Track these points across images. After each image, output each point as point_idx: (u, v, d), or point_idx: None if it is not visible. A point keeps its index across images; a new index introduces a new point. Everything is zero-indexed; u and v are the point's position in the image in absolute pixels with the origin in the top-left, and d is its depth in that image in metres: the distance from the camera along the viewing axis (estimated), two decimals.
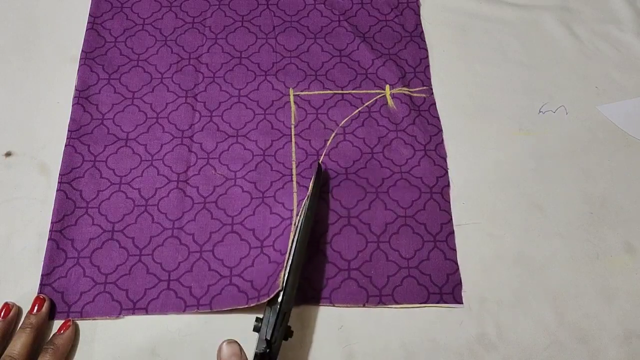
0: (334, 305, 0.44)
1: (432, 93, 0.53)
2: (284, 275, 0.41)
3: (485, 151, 0.51)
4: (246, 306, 0.43)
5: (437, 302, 0.44)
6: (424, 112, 0.52)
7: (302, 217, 0.44)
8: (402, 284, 0.44)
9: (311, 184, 0.46)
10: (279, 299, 0.40)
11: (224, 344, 0.39)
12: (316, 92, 0.53)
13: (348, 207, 0.47)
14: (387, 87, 0.53)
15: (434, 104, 0.53)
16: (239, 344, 0.39)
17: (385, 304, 0.44)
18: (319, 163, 0.48)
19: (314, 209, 0.45)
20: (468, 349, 0.42)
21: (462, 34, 0.57)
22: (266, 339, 0.38)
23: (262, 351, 0.38)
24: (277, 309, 0.39)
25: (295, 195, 0.48)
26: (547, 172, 0.50)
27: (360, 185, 0.48)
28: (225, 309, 0.43)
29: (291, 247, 0.43)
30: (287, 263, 0.42)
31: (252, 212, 0.47)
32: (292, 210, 0.47)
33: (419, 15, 0.58)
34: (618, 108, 0.53)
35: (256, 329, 0.39)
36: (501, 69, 0.55)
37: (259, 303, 0.42)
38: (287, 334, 0.40)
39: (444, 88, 0.54)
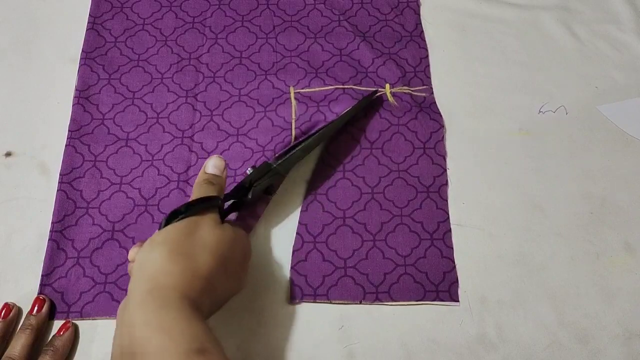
0: (331, 302, 0.44)
1: (433, 92, 0.53)
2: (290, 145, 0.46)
3: (485, 151, 0.51)
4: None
5: (434, 300, 0.44)
6: (426, 109, 0.52)
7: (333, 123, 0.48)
8: (398, 282, 0.44)
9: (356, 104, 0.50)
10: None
11: (213, 156, 0.41)
12: (317, 89, 0.53)
13: (343, 209, 0.47)
14: (387, 85, 0.53)
15: (434, 102, 0.53)
16: (225, 162, 0.42)
17: (381, 301, 0.44)
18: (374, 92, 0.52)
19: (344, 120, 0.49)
20: (468, 349, 0.42)
21: (462, 33, 0.57)
22: (244, 184, 0.42)
23: (239, 192, 0.42)
24: (268, 165, 0.43)
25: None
26: (547, 172, 0.50)
27: (357, 185, 0.48)
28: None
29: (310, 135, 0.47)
30: (300, 141, 0.47)
31: None
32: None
33: (419, 15, 0.58)
34: (618, 108, 0.53)
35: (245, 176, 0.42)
36: (501, 69, 0.55)
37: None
38: (270, 189, 0.44)
39: (444, 88, 0.54)
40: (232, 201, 0.43)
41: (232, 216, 0.45)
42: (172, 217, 0.36)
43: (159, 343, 0.30)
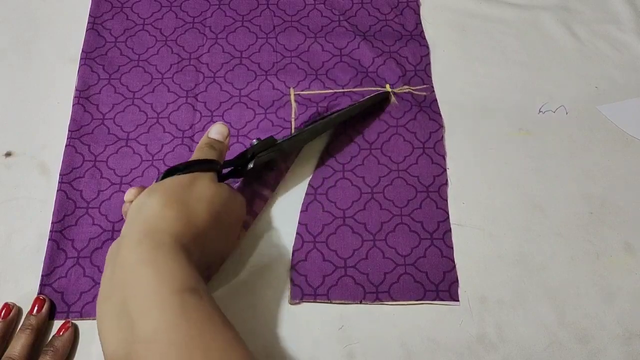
0: (331, 302, 0.44)
1: (433, 90, 0.53)
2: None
3: (485, 151, 0.51)
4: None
5: (434, 300, 0.44)
6: (426, 108, 0.52)
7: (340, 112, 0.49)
8: (398, 281, 0.44)
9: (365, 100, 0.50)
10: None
11: (218, 122, 0.43)
12: (317, 92, 0.53)
13: (343, 209, 0.47)
14: (388, 85, 0.53)
15: (435, 100, 0.53)
16: (229, 130, 0.43)
17: (382, 301, 0.44)
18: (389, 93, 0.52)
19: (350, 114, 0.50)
20: (468, 349, 0.42)
21: (462, 33, 0.57)
22: (247, 154, 0.43)
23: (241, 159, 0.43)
24: (273, 139, 0.44)
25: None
26: (547, 172, 0.50)
27: (356, 185, 0.48)
28: None
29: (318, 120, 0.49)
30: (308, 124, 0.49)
31: None
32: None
33: (419, 15, 0.58)
34: (618, 108, 0.53)
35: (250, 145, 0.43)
36: (501, 69, 0.55)
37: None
38: (272, 163, 0.46)
39: (444, 88, 0.54)
40: (231, 168, 0.43)
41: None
42: (170, 172, 0.38)
43: (153, 280, 0.30)
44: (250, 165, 0.43)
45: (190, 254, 0.34)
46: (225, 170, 0.43)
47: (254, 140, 0.43)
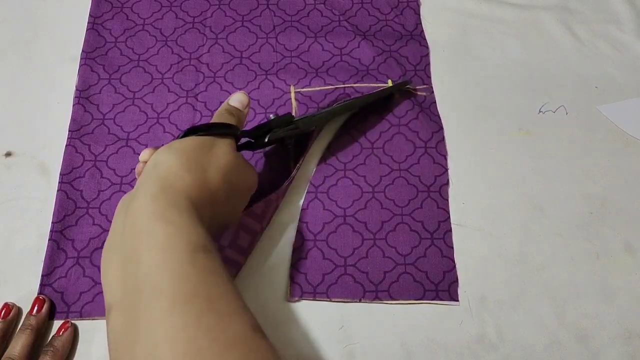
0: (330, 300, 0.44)
1: (433, 91, 0.53)
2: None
3: (485, 151, 0.51)
4: None
5: (433, 299, 0.44)
6: (425, 109, 0.52)
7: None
8: (398, 280, 0.44)
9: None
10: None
11: (239, 91, 0.43)
12: (317, 88, 0.53)
13: (344, 207, 0.47)
14: (390, 82, 0.53)
15: (434, 102, 0.53)
16: (249, 100, 0.43)
17: (381, 300, 0.44)
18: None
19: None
20: (468, 349, 0.42)
21: (462, 33, 0.57)
22: (263, 127, 0.43)
23: (261, 128, 0.43)
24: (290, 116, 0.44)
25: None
26: (547, 172, 0.50)
27: (357, 184, 0.48)
28: None
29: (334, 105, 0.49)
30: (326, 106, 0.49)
31: None
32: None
33: (419, 15, 0.58)
34: (618, 108, 0.53)
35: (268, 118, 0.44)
36: (501, 69, 0.55)
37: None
38: (286, 140, 0.45)
39: (444, 88, 0.54)
40: (246, 140, 0.43)
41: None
42: (191, 132, 0.38)
43: (165, 233, 0.30)
44: (265, 139, 0.43)
45: (202, 217, 0.33)
46: (242, 140, 0.43)
47: (271, 115, 0.44)
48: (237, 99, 0.42)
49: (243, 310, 0.30)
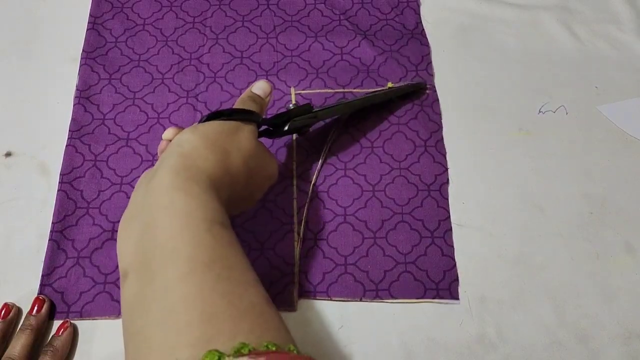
0: (331, 299, 0.44)
1: (435, 90, 0.53)
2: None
3: (485, 151, 0.51)
4: None
5: (434, 298, 0.44)
6: (427, 107, 0.52)
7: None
8: (398, 279, 0.45)
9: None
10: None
11: (262, 79, 0.43)
12: (317, 91, 0.53)
13: (345, 206, 0.47)
14: (389, 84, 0.53)
15: (437, 100, 0.53)
16: (272, 89, 0.43)
17: (381, 299, 0.44)
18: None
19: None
20: (468, 349, 0.42)
21: (462, 33, 0.57)
22: (282, 116, 0.43)
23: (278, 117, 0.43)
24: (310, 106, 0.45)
25: (295, 202, 0.48)
26: (547, 172, 0.50)
27: (358, 183, 0.48)
28: None
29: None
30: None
31: (253, 214, 0.47)
32: (292, 217, 0.47)
33: (419, 15, 0.58)
34: (618, 108, 0.53)
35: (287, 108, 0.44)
36: (501, 69, 0.55)
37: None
38: (303, 129, 0.46)
39: (444, 88, 0.54)
40: (265, 127, 0.43)
41: None
42: (216, 116, 0.38)
43: (186, 203, 0.30)
44: (285, 128, 0.43)
45: (220, 198, 0.34)
46: (262, 128, 0.43)
47: (291, 105, 0.45)
48: (260, 87, 0.42)
49: (257, 283, 0.30)
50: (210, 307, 0.27)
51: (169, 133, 0.39)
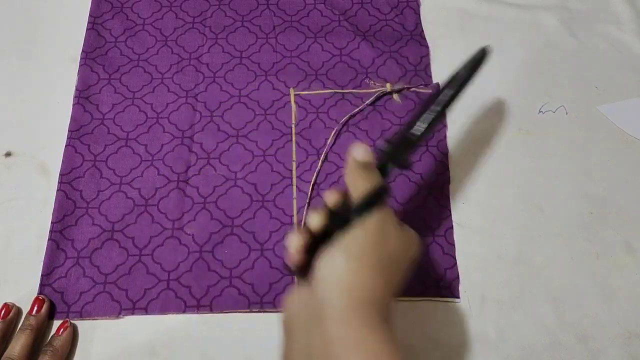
0: None
1: (439, 88, 0.53)
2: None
3: (485, 151, 0.51)
4: (247, 311, 0.43)
5: (434, 296, 0.44)
6: None
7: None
8: None
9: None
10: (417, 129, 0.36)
11: (358, 143, 0.35)
12: (317, 92, 0.53)
13: None
14: (388, 85, 0.53)
15: None
16: (371, 153, 0.35)
17: None
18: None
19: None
20: (468, 349, 0.42)
21: (462, 33, 0.57)
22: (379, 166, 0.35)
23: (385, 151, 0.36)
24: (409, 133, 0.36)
25: (294, 201, 0.48)
26: (547, 172, 0.50)
27: None
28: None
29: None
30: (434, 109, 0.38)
31: (252, 215, 0.47)
32: (291, 217, 0.47)
33: (419, 15, 0.58)
34: (618, 108, 0.53)
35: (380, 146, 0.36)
36: (501, 69, 0.55)
37: (261, 311, 0.42)
38: (406, 162, 0.36)
39: None
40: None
41: None
42: (359, 210, 0.33)
43: (378, 345, 0.30)
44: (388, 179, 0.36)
45: (387, 316, 0.32)
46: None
47: (385, 145, 0.37)
48: (361, 152, 0.35)
49: None
50: None
51: (313, 221, 0.35)
